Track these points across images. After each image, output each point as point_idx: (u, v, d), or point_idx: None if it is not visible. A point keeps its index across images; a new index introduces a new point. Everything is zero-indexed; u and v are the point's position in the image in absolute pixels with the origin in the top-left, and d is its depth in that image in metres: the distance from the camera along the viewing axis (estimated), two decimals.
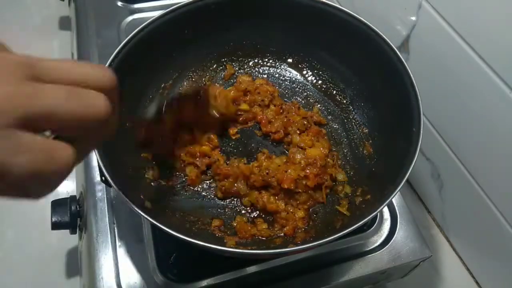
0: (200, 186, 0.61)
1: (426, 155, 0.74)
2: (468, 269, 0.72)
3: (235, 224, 0.57)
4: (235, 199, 0.60)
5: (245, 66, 0.73)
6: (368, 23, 0.60)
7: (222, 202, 0.60)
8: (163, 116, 0.62)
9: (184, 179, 0.61)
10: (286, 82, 0.73)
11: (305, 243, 0.46)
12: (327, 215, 0.59)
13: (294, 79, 0.73)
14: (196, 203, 0.60)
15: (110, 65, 0.55)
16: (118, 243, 0.57)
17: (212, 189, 0.61)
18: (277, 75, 0.73)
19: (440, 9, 0.61)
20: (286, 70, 0.74)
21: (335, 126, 0.68)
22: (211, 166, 0.62)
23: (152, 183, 0.58)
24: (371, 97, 0.66)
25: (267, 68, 0.74)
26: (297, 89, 0.72)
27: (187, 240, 0.44)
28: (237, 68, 0.73)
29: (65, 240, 0.72)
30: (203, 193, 0.61)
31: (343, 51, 0.67)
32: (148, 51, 0.61)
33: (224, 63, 0.73)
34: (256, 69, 0.74)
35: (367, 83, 0.66)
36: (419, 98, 0.54)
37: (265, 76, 0.73)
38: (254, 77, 0.72)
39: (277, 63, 0.74)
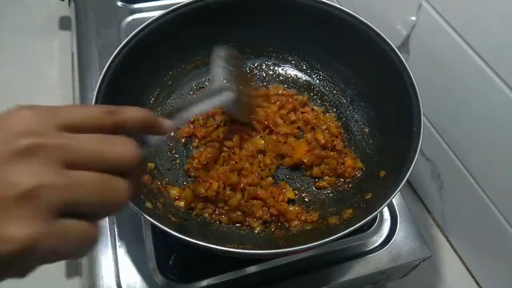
0: None
1: (426, 155, 0.74)
2: (468, 269, 0.72)
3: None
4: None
5: (245, 66, 0.73)
6: (368, 23, 0.60)
7: None
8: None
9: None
10: (286, 82, 0.73)
11: (305, 243, 0.46)
12: (327, 215, 0.59)
13: (294, 79, 0.73)
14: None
15: (110, 65, 0.55)
16: (118, 243, 0.57)
17: None
18: (277, 75, 0.73)
19: (440, 9, 0.61)
20: (286, 70, 0.74)
21: None
22: None
23: (152, 184, 0.58)
24: (371, 97, 0.66)
25: (267, 68, 0.74)
26: (297, 89, 0.72)
27: (187, 240, 0.44)
28: None
29: None
30: None
31: (343, 51, 0.67)
32: (148, 51, 0.61)
33: None
34: (256, 69, 0.74)
35: (367, 83, 0.66)
36: (419, 98, 0.54)
37: (265, 76, 0.73)
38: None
39: (277, 63, 0.74)
